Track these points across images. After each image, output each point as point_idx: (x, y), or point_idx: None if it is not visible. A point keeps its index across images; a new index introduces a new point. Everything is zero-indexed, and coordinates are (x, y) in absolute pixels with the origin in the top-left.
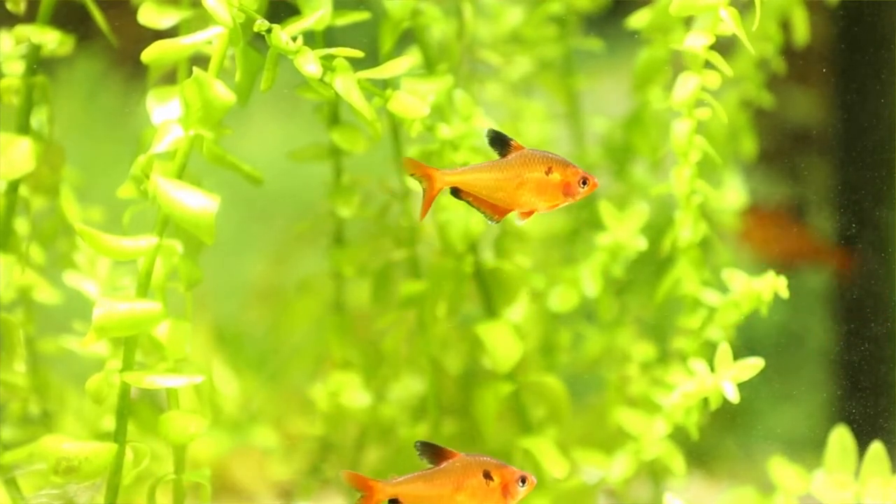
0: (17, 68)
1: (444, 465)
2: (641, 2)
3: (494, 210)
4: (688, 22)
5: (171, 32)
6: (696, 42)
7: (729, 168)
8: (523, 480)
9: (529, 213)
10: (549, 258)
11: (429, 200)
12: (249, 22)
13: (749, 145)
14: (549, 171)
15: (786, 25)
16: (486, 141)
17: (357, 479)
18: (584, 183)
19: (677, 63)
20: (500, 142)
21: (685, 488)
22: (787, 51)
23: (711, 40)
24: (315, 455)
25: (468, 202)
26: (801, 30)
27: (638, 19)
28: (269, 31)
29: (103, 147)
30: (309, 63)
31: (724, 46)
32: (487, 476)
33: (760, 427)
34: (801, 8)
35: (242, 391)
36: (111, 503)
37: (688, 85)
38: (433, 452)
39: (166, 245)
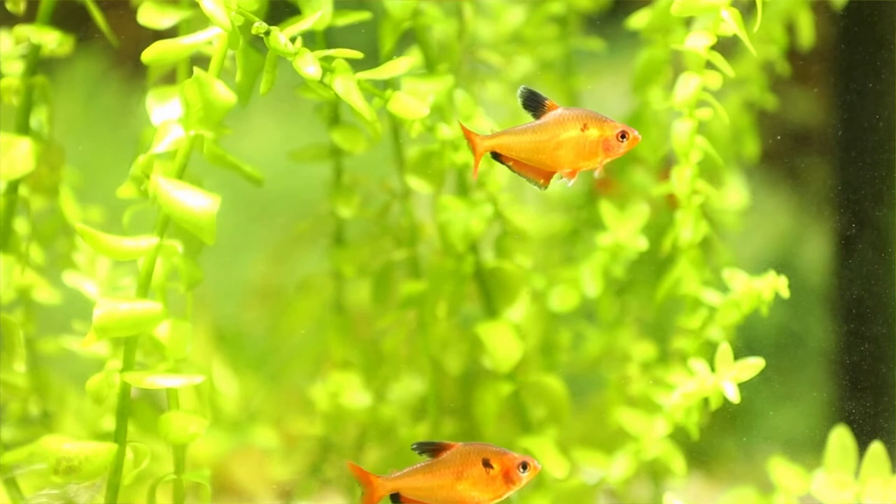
0: (16, 68)
1: (443, 455)
2: (642, 2)
3: (539, 174)
4: (688, 22)
5: (170, 32)
6: (697, 42)
7: (730, 169)
8: (524, 466)
9: (573, 173)
10: (550, 258)
11: (476, 162)
12: (249, 23)
13: (751, 147)
14: (584, 128)
15: (790, 27)
16: (519, 102)
17: (359, 474)
18: (623, 137)
19: (677, 63)
20: (534, 102)
21: (685, 488)
22: (788, 51)
23: (713, 41)
24: (315, 455)
25: (509, 167)
26: (807, 32)
27: (638, 20)
28: (267, 33)
29: (103, 147)
30: (308, 65)
31: (728, 48)
32: (487, 464)
33: (760, 427)
34: (807, 10)
35: (242, 391)
36: (111, 503)
37: (689, 85)
38: (431, 448)
39: (167, 245)
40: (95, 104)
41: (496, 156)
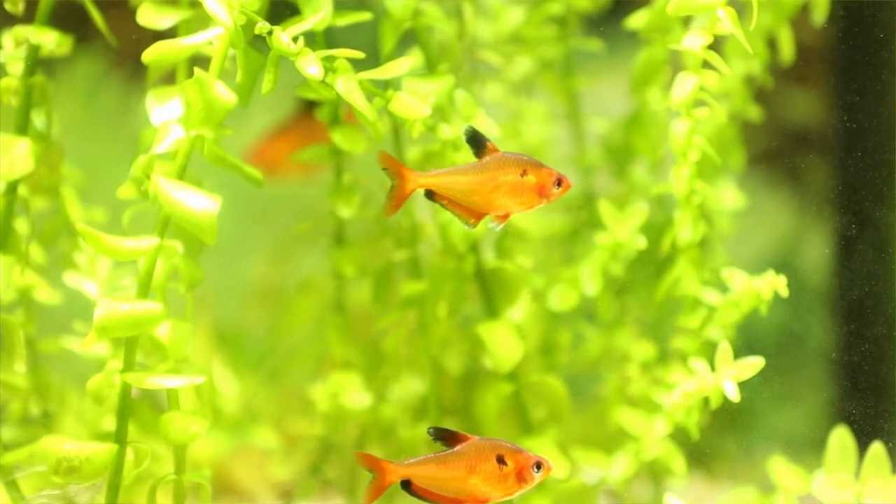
0: (16, 69)
1: (458, 447)
2: (641, 2)
3: (470, 214)
4: (686, 22)
5: (169, 33)
6: (694, 42)
7: (723, 175)
8: (538, 466)
9: (505, 217)
10: (550, 258)
11: (398, 199)
12: (250, 22)
13: (737, 158)
14: (524, 174)
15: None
16: (463, 138)
17: (369, 460)
18: (559, 184)
19: (676, 64)
20: (476, 142)
21: (685, 488)
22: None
23: (709, 40)
24: (315, 455)
25: (442, 205)
26: (788, 48)
27: (637, 20)
28: (269, 33)
29: (103, 147)
30: (310, 65)
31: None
32: (501, 460)
33: (760, 427)
34: (787, 27)
35: (242, 391)
36: (111, 503)
37: (686, 85)
38: (447, 436)
39: (167, 245)
40: (95, 104)
41: (429, 193)
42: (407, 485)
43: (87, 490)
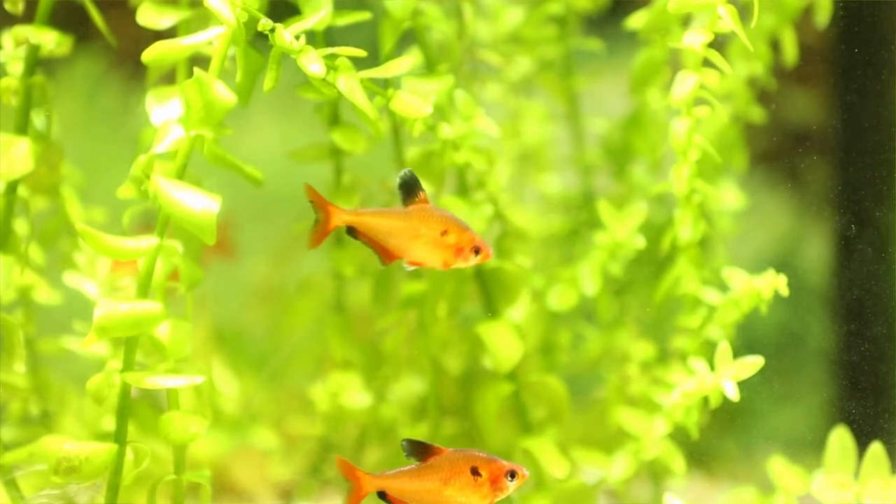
0: (16, 68)
1: (431, 460)
2: (641, 2)
3: (384, 253)
4: (686, 22)
5: (169, 33)
6: (694, 40)
7: (724, 175)
8: (512, 474)
9: (417, 265)
10: (549, 258)
11: (321, 235)
12: (250, 21)
13: (740, 160)
14: (445, 233)
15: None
16: (396, 181)
17: (346, 468)
18: (477, 252)
19: (676, 64)
20: (409, 189)
21: (685, 488)
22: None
23: (710, 38)
24: (315, 455)
25: (362, 241)
26: (791, 50)
27: (636, 20)
28: (272, 30)
29: (103, 147)
30: (312, 62)
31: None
32: (475, 472)
33: (760, 427)
34: (790, 29)
35: (242, 391)
36: (111, 503)
37: (686, 83)
38: (420, 450)
39: (167, 245)
40: (95, 104)
41: (350, 230)
42: (383, 496)
43: (86, 490)
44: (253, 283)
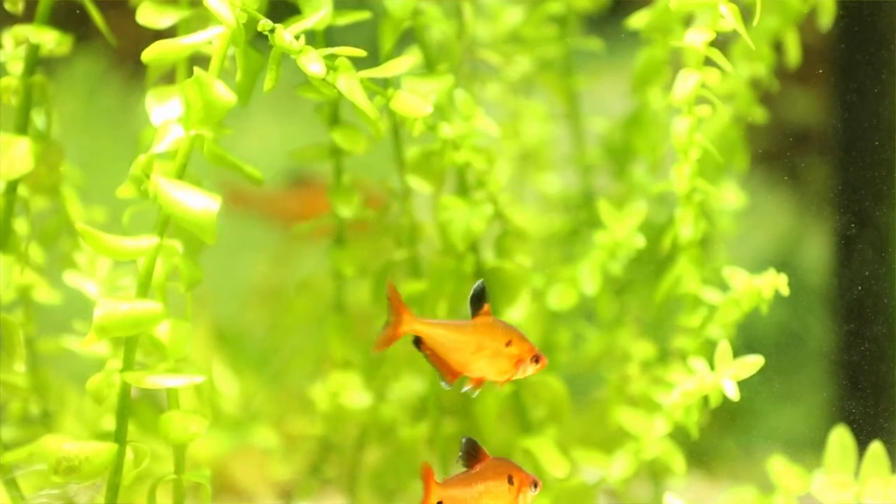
0: (16, 68)
1: (478, 467)
2: (641, 2)
3: (448, 371)
4: (688, 22)
5: (168, 32)
6: (695, 38)
7: (725, 175)
8: (536, 484)
9: (479, 383)
10: (549, 257)
11: (389, 339)
12: (250, 21)
13: (741, 160)
14: (508, 344)
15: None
16: (469, 294)
17: (427, 476)
18: (536, 360)
19: (677, 64)
20: (478, 301)
21: (685, 488)
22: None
23: (711, 36)
24: (315, 455)
25: (426, 355)
26: (794, 52)
27: (638, 19)
28: (272, 30)
29: (103, 146)
30: (312, 62)
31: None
32: (510, 480)
33: (760, 427)
34: (794, 31)
35: (242, 391)
36: (111, 503)
37: (688, 82)
38: (473, 453)
39: (167, 245)
40: (95, 104)
41: (416, 340)
42: None
43: (86, 489)
44: (253, 282)
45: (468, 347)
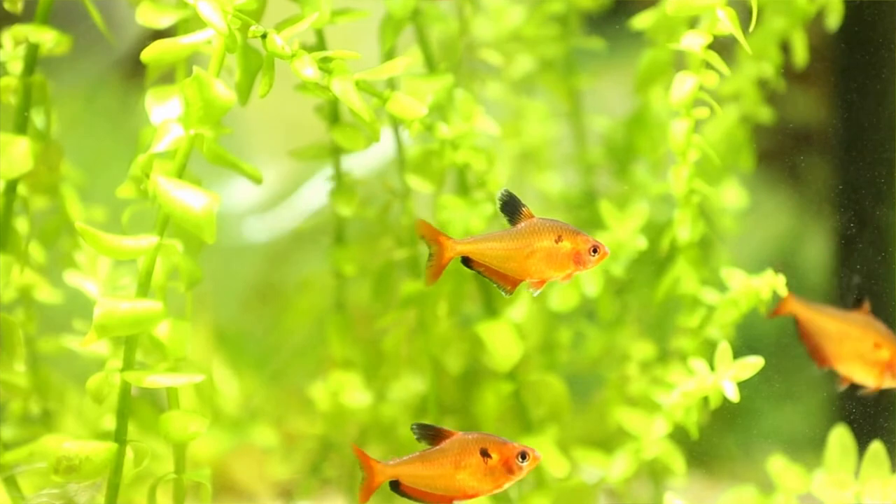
0: (15, 67)
1: (442, 444)
2: (642, 1)
3: (506, 280)
4: (692, 23)
5: (168, 32)
6: (693, 42)
7: (728, 174)
8: (524, 456)
9: (541, 283)
10: None
11: (438, 268)
12: (246, 25)
13: (747, 160)
14: (558, 240)
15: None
16: (497, 204)
17: (362, 457)
18: (595, 251)
19: (681, 64)
20: (511, 208)
21: (685, 488)
22: (788, 51)
23: (709, 40)
24: (315, 455)
25: (479, 272)
26: (801, 52)
27: (642, 20)
28: (264, 36)
29: (103, 146)
30: (306, 67)
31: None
32: (485, 454)
33: (760, 426)
34: (801, 31)
35: (242, 391)
36: (111, 502)
37: (685, 84)
38: (431, 434)
39: (167, 244)
40: (95, 103)
41: (466, 260)
42: (396, 485)
43: (86, 489)
44: (253, 282)
45: (520, 253)
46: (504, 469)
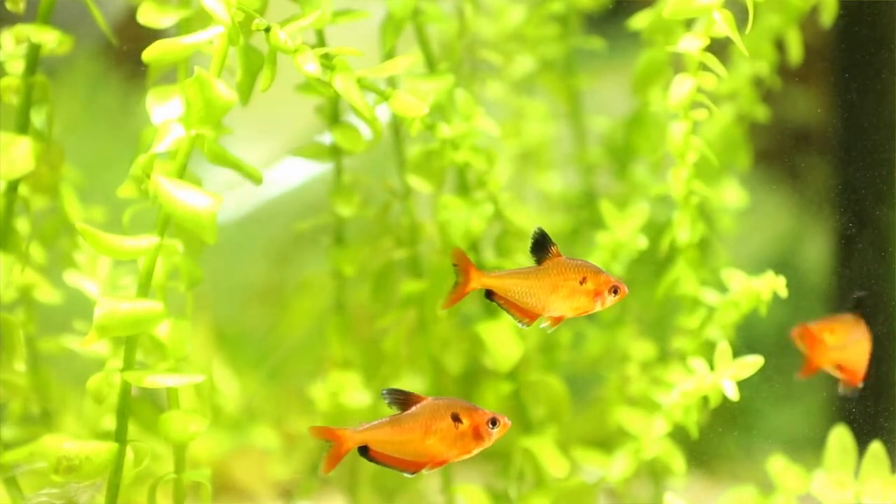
0: (16, 67)
1: (412, 409)
2: (643, 1)
3: (524, 314)
4: (689, 24)
5: (168, 32)
6: (690, 44)
7: (726, 174)
8: (494, 422)
9: (558, 320)
10: None
11: (459, 296)
12: (249, 20)
13: (744, 159)
14: (583, 281)
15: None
16: (529, 243)
17: (323, 431)
18: (615, 292)
19: (678, 64)
20: (541, 247)
21: (685, 487)
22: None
23: (706, 42)
24: (315, 455)
25: (499, 304)
26: (796, 50)
27: (639, 21)
28: (267, 30)
29: (103, 146)
30: (308, 62)
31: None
32: (456, 419)
33: (761, 426)
34: (795, 28)
35: (242, 391)
36: (111, 503)
37: (683, 86)
38: (401, 399)
39: (167, 244)
40: (95, 103)
41: (488, 293)
42: (365, 451)
43: (87, 489)
44: (253, 282)
45: (542, 291)
46: (473, 435)
